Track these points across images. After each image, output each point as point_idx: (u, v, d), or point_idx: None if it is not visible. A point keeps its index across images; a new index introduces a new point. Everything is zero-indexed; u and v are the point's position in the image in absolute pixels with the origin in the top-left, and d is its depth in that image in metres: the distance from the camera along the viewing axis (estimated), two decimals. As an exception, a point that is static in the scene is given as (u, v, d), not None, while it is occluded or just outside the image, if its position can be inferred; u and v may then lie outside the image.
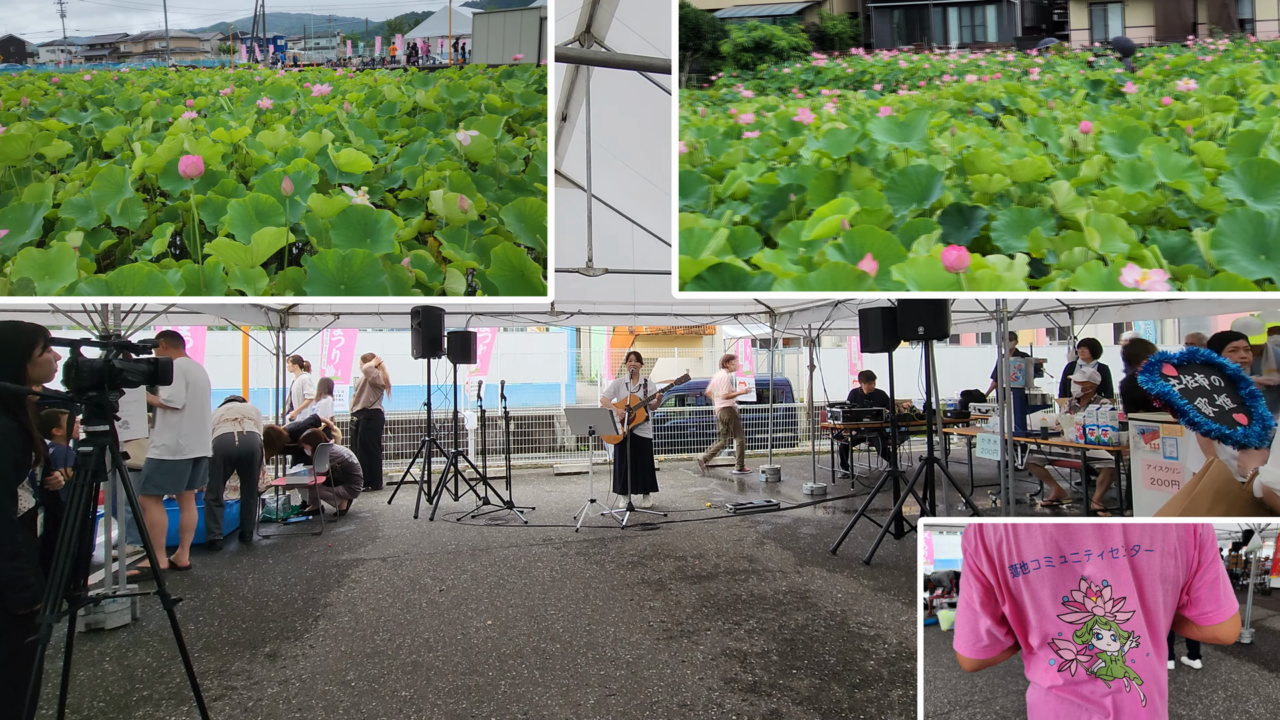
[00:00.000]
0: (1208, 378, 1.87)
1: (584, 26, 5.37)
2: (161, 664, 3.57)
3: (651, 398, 7.09)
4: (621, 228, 7.81)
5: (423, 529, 6.45)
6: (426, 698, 3.17)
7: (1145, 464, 5.01)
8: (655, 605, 4.34)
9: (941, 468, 5.48)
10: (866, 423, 8.66)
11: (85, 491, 2.34)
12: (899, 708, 3.01)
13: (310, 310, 7.93)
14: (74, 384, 2.36)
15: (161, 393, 5.04)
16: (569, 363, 17.29)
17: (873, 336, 5.71)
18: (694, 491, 8.32)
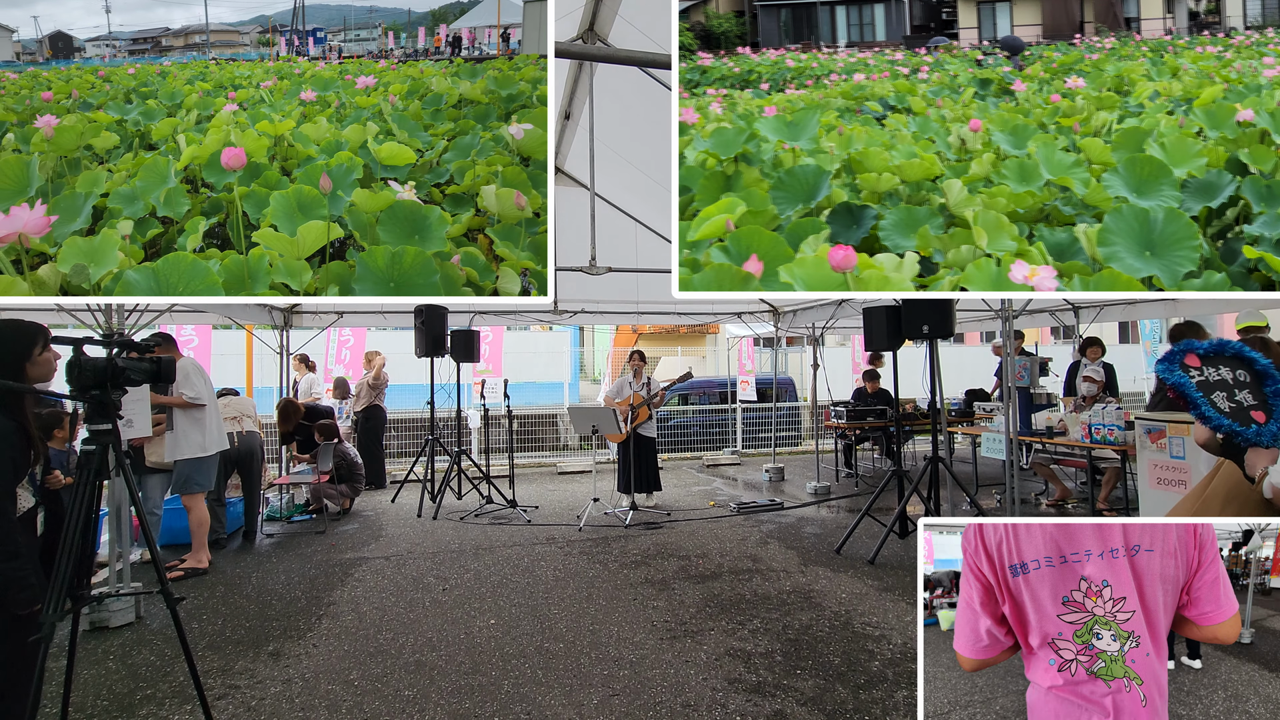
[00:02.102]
0: (1233, 372, 1.81)
1: (587, 24, 5.36)
2: (165, 663, 3.58)
3: (654, 396, 7.08)
4: (625, 226, 7.81)
5: (426, 528, 6.46)
6: (430, 697, 3.17)
7: (1151, 463, 4.98)
8: (659, 605, 4.33)
9: (946, 467, 5.46)
10: (870, 422, 8.64)
11: (88, 490, 2.35)
12: (904, 709, 2.99)
13: (314, 309, 7.94)
14: (77, 383, 2.36)
15: (185, 392, 5.06)
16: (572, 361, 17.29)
17: (877, 335, 5.69)
18: (697, 490, 8.32)
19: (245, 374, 9.40)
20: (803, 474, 9.14)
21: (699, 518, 6.77)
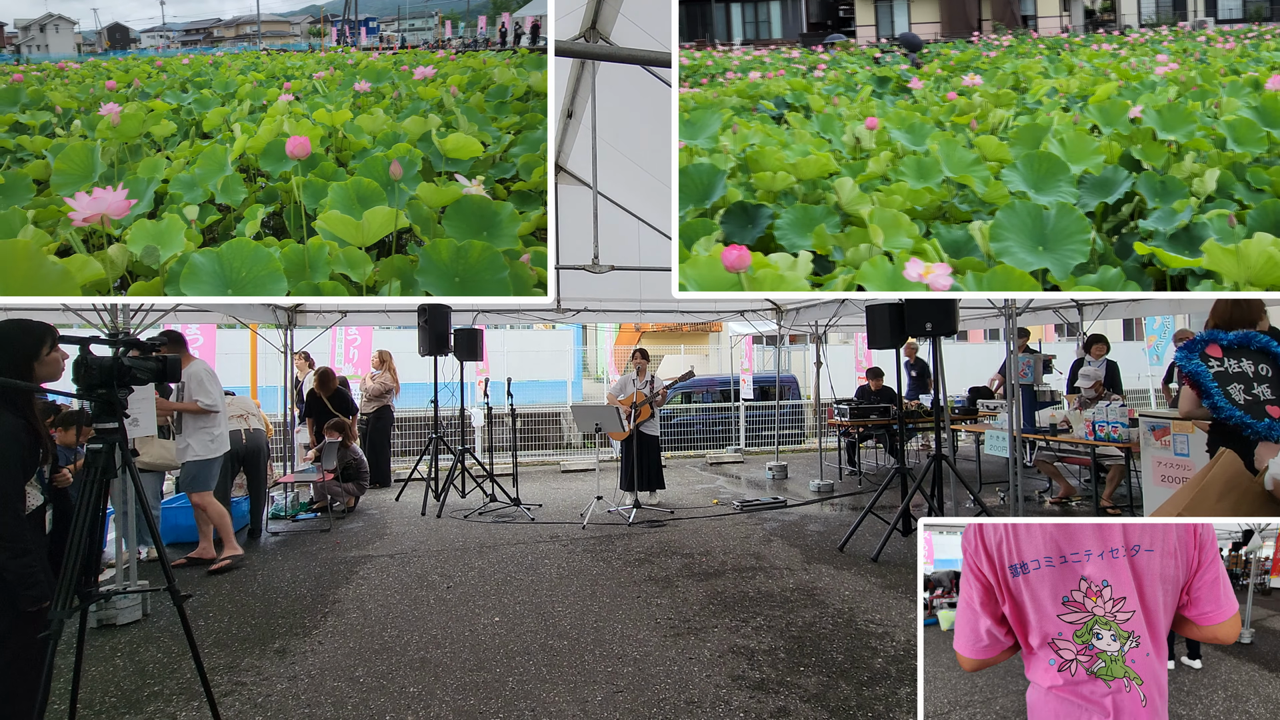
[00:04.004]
0: (1255, 365, 1.80)
1: (589, 23, 5.36)
2: (172, 660, 3.60)
3: (657, 394, 7.09)
4: (627, 224, 7.81)
5: (430, 526, 6.48)
6: (434, 694, 3.19)
7: (1156, 460, 4.97)
8: (662, 602, 4.34)
9: (949, 464, 5.46)
10: (874, 419, 8.64)
11: (95, 488, 2.37)
12: (906, 705, 3.00)
13: (317, 309, 7.96)
14: (84, 382, 2.38)
15: (200, 399, 5.09)
16: (575, 360, 17.30)
17: (880, 333, 5.68)
18: (701, 488, 8.32)
19: (250, 373, 9.43)
20: (806, 472, 9.14)
21: (702, 515, 6.78)
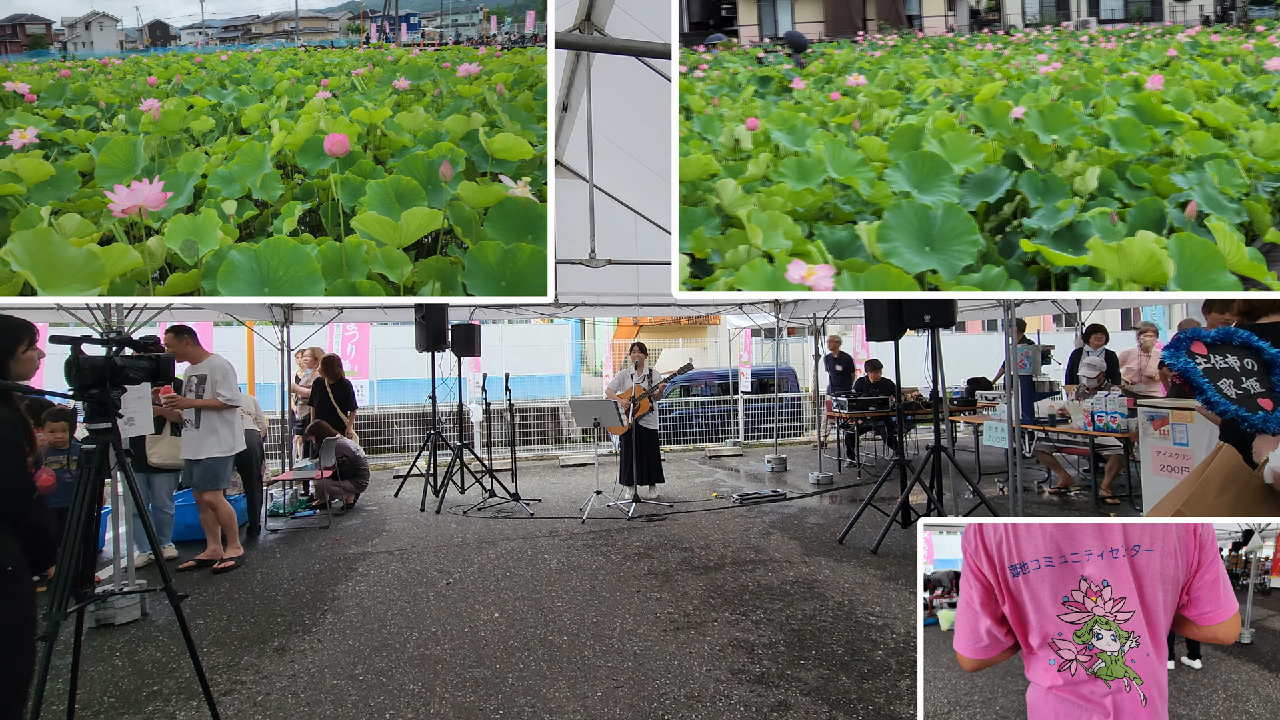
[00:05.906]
0: (1240, 360, 1.80)
1: (584, 14, 5.32)
2: (171, 659, 3.60)
3: (655, 388, 7.07)
4: (624, 218, 7.77)
5: (429, 522, 6.48)
6: (434, 690, 3.19)
7: (1155, 450, 4.97)
8: (662, 596, 4.34)
9: (948, 456, 5.45)
10: (873, 411, 8.64)
11: (90, 489, 2.36)
12: (907, 698, 3.00)
13: (314, 305, 7.93)
14: (76, 382, 2.36)
15: (222, 394, 5.07)
16: (573, 355, 17.29)
17: (879, 325, 5.67)
18: (700, 482, 8.33)
19: (247, 371, 9.40)
20: (805, 464, 9.15)
21: (701, 509, 6.78)
